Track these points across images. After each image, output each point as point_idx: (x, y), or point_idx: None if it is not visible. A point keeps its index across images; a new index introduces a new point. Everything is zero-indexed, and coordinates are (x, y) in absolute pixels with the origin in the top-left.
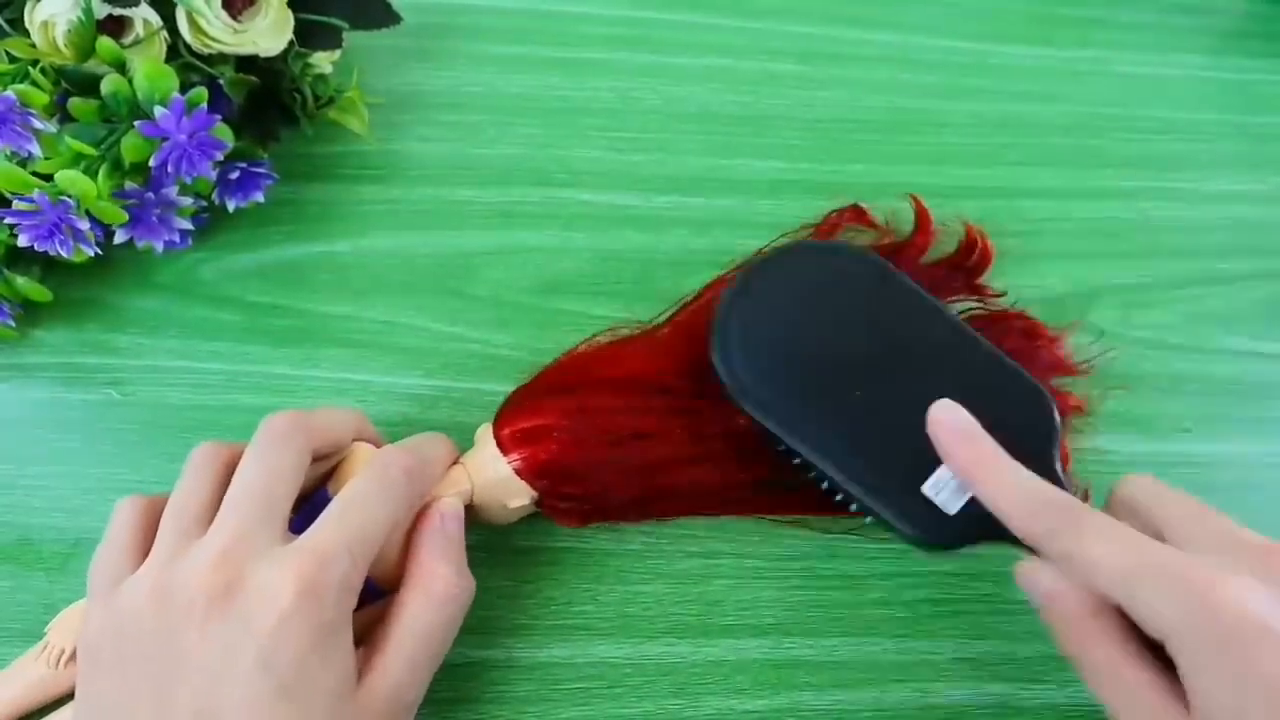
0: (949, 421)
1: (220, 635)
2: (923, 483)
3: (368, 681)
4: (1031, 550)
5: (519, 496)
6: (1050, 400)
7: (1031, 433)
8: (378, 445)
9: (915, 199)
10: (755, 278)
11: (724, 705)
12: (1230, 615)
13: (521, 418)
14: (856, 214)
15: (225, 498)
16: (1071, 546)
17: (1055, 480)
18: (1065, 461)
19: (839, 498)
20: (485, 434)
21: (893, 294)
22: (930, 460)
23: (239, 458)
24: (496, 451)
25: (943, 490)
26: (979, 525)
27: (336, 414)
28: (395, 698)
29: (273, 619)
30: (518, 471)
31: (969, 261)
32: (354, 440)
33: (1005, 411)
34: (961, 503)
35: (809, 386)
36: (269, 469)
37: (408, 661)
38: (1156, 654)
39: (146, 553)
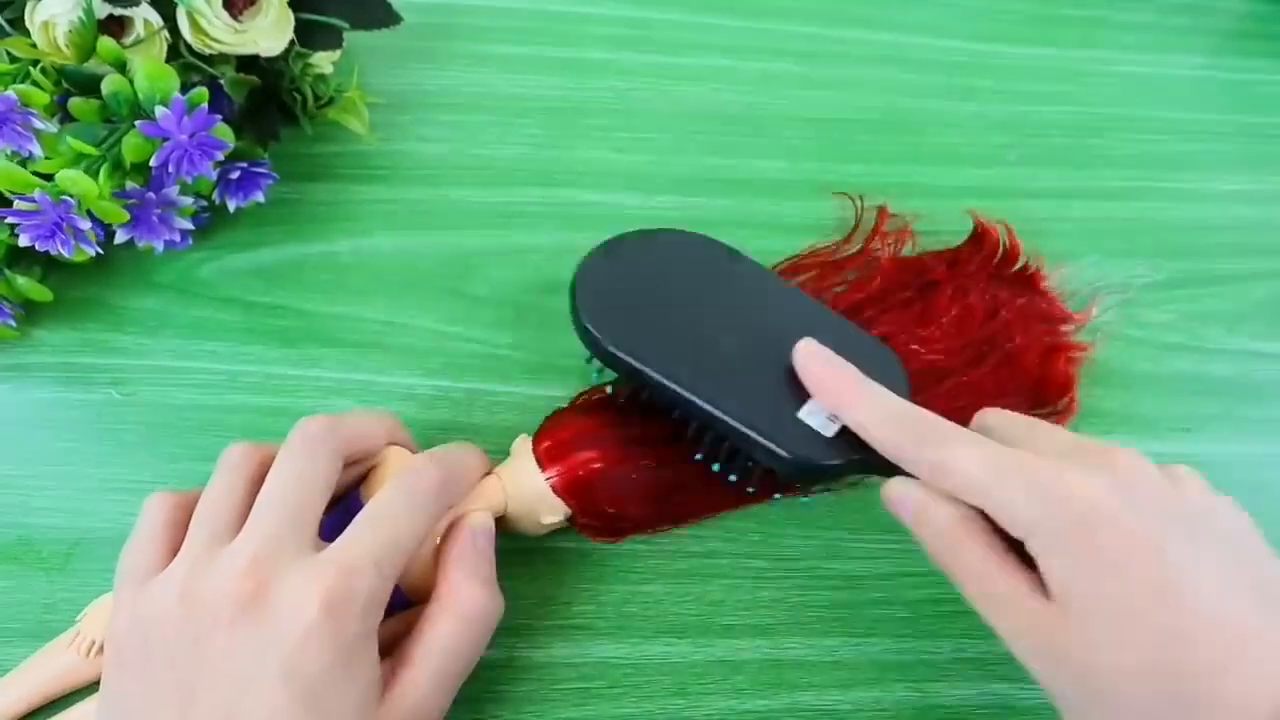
0: (814, 354)
1: (246, 643)
2: (796, 412)
3: (392, 696)
4: (898, 472)
5: (553, 513)
6: (896, 356)
7: (884, 382)
8: (411, 450)
9: (976, 217)
10: (612, 249)
11: (724, 705)
12: (1075, 501)
13: (562, 433)
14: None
15: (256, 503)
16: (935, 455)
17: None
18: None
19: (716, 460)
20: (523, 446)
21: (742, 269)
22: (798, 396)
23: (271, 460)
24: (534, 466)
25: (815, 419)
26: (852, 450)
27: (370, 419)
28: (419, 714)
29: (298, 630)
30: (554, 488)
31: (987, 251)
32: (387, 445)
33: (859, 365)
34: (834, 430)
35: (674, 338)
36: (301, 475)
37: (433, 678)
38: (1020, 555)
39: (175, 551)
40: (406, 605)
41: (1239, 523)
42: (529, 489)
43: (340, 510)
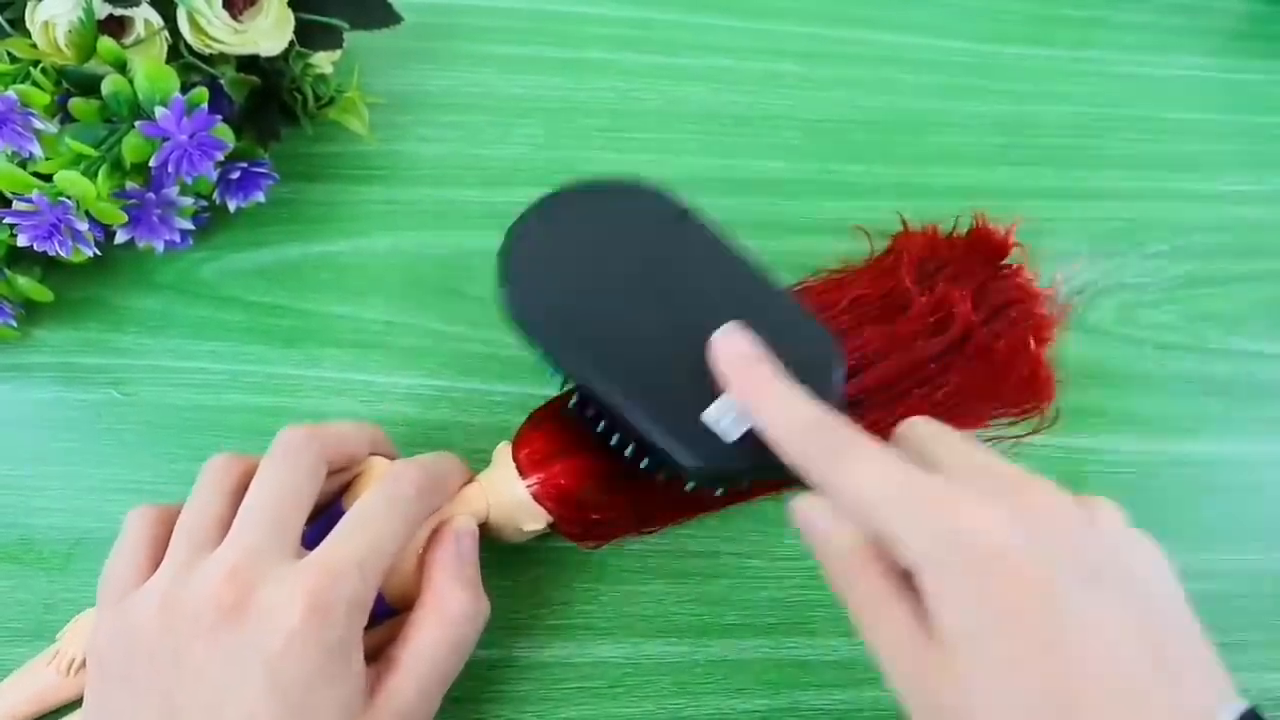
0: (730, 345)
1: (229, 652)
2: (706, 409)
3: (377, 702)
4: (803, 486)
5: (535, 520)
6: (834, 342)
7: (813, 372)
8: (393, 460)
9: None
10: (543, 210)
11: (724, 705)
12: (964, 535)
13: (541, 440)
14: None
15: (238, 512)
16: (834, 469)
17: None
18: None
19: (630, 448)
20: (503, 453)
21: (686, 232)
22: (713, 390)
23: (253, 471)
24: (514, 473)
25: (724, 418)
26: (756, 455)
27: (352, 428)
28: (405, 719)
29: (281, 638)
30: (535, 496)
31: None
32: (370, 455)
33: (789, 350)
34: (741, 430)
35: (594, 318)
36: (282, 484)
37: (419, 683)
38: (914, 591)
39: (157, 564)
40: (391, 615)
41: (1153, 570)
42: (509, 496)
43: (323, 520)
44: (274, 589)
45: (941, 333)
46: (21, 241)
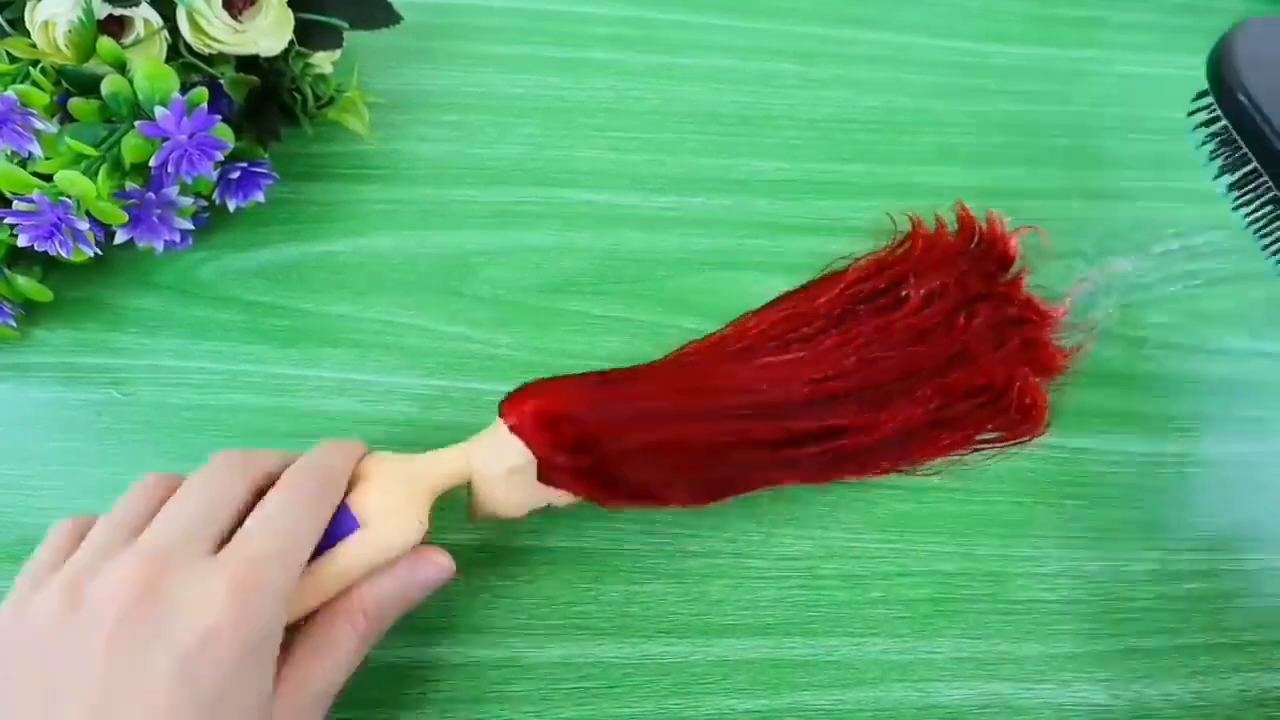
0: None
1: (130, 646)
2: None
3: (280, 694)
4: None
5: (514, 455)
6: None
7: None
8: (380, 463)
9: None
10: (1258, 27)
11: (724, 705)
12: None
13: (522, 391)
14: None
15: (160, 511)
16: None
17: None
18: None
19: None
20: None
21: None
22: None
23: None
24: (496, 422)
25: None
26: None
27: (288, 456)
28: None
29: (198, 633)
30: (513, 429)
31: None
32: (361, 457)
33: None
34: None
35: None
36: (205, 494)
37: (322, 680)
38: None
39: None
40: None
41: None
42: (488, 441)
43: (329, 528)
44: (190, 584)
45: (944, 349)
46: (22, 241)
